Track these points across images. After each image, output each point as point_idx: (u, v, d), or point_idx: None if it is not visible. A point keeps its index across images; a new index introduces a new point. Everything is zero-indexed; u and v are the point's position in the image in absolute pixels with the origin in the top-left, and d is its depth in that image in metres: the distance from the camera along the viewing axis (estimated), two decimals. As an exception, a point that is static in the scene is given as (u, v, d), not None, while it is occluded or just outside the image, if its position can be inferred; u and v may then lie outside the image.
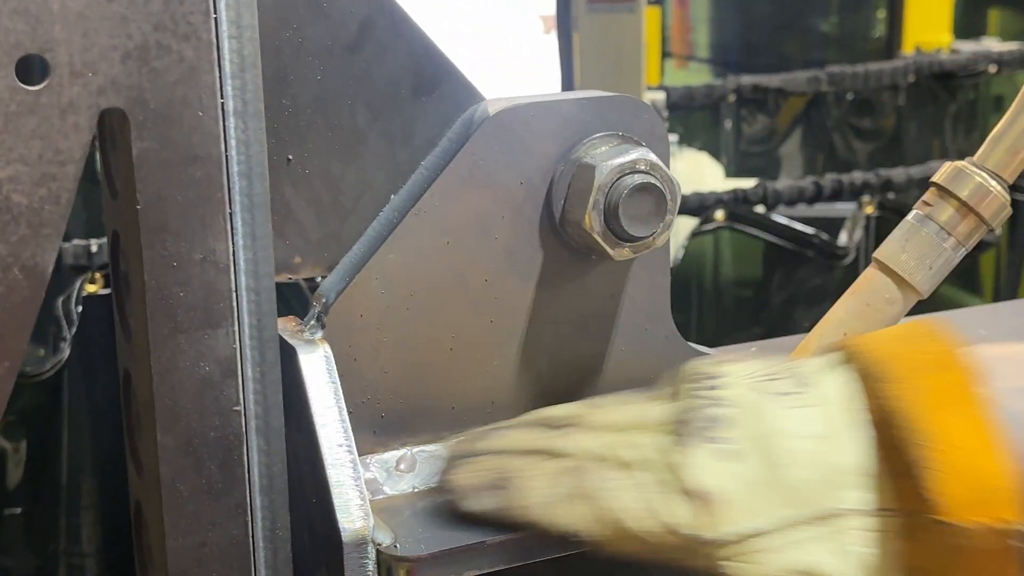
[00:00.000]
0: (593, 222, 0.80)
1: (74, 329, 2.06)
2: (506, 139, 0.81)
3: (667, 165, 0.83)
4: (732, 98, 3.98)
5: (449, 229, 0.81)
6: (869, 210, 2.58)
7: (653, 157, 0.81)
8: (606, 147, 0.82)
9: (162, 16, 0.62)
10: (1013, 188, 2.40)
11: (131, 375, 0.70)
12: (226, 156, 0.65)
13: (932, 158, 3.83)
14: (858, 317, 0.90)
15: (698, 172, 3.23)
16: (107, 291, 2.04)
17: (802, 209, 2.77)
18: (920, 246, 0.89)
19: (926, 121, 4.22)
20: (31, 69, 0.60)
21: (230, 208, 0.66)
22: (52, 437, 2.09)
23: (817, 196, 2.60)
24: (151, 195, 0.64)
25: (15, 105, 0.60)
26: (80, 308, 2.09)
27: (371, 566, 0.73)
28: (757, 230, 2.61)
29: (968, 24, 6.36)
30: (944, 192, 0.89)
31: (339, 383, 0.76)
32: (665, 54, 7.99)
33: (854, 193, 2.62)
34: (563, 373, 0.86)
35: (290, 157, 0.79)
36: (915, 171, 2.67)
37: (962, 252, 0.89)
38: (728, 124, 4.04)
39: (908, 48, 5.58)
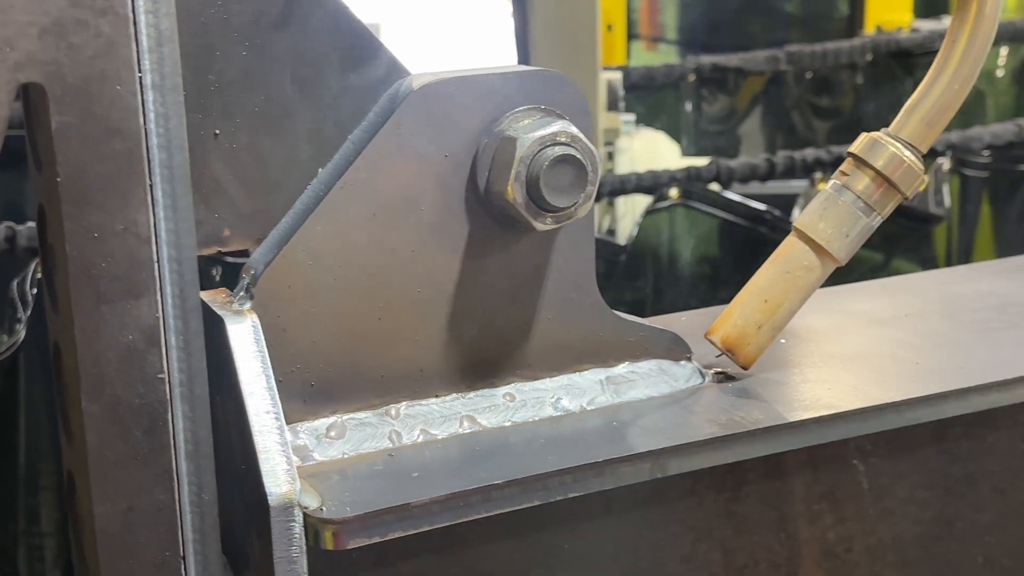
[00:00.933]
0: (515, 193, 0.82)
1: (29, 311, 2.07)
2: (430, 113, 0.83)
3: (590, 138, 0.85)
4: (692, 78, 4.00)
5: (375, 202, 0.82)
6: (821, 186, 2.59)
7: (574, 130, 0.83)
8: (529, 120, 0.84)
9: (79, -9, 0.64)
10: (963, 164, 2.46)
11: (59, 345, 0.71)
12: (145, 129, 0.66)
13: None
14: (777, 284, 0.92)
15: (654, 151, 3.25)
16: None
17: (758, 187, 2.80)
18: (837, 214, 0.91)
19: (884, 99, 4.26)
20: (-51, 45, 0.61)
21: (150, 180, 0.67)
22: (9, 419, 2.10)
23: (770, 173, 2.63)
24: (72, 168, 0.65)
25: (-66, 80, 0.61)
26: (35, 290, 2.09)
27: (297, 529, 0.75)
28: (711, 207, 2.64)
29: (932, 3, 6.41)
30: (860, 162, 0.91)
31: (267, 352, 0.78)
32: (632, 36, 8.01)
33: (806, 170, 2.66)
34: (491, 341, 0.88)
35: (217, 132, 0.81)
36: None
37: (878, 220, 0.92)
38: (688, 104, 4.07)
39: (870, 28, 5.63)
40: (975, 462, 1.05)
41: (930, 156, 2.70)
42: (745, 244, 2.62)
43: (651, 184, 2.56)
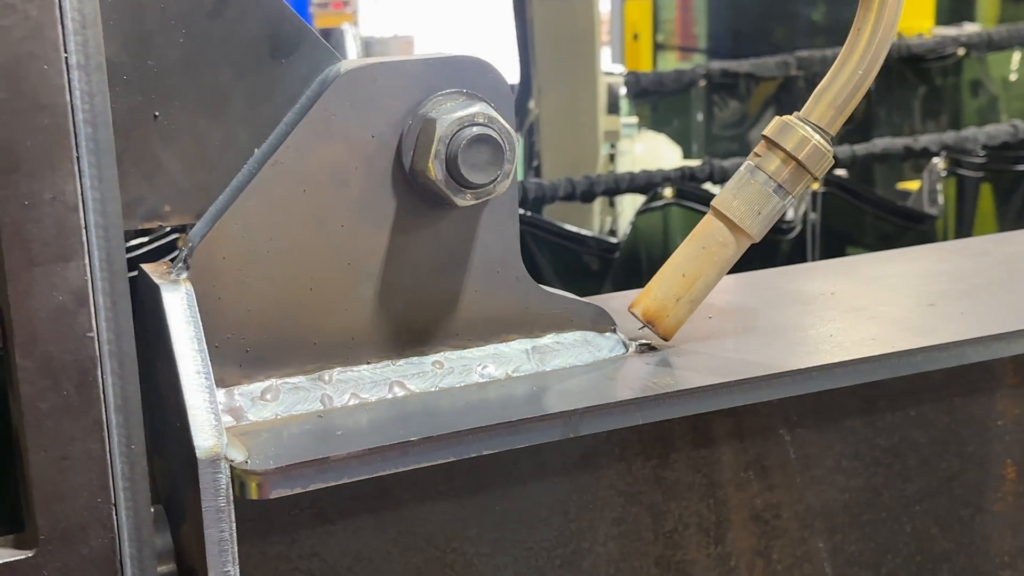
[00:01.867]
0: (436, 171, 0.87)
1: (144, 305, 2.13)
2: (357, 95, 0.88)
3: (510, 121, 0.91)
4: (702, 83, 4.05)
5: (305, 179, 0.88)
6: (815, 186, 2.65)
7: (492, 111, 0.89)
8: (450, 103, 0.89)
9: (7, -21, 0.70)
10: (957, 164, 2.51)
11: (0, 306, 0.77)
12: (71, 105, 0.72)
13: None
14: (694, 260, 0.97)
15: (656, 153, 3.30)
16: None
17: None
18: (750, 194, 0.96)
19: (896, 103, 4.28)
20: None
21: (77, 153, 0.73)
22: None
23: (763, 173, 2.66)
24: (3, 140, 0.71)
25: None
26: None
27: (224, 480, 0.81)
28: (705, 206, 2.67)
29: (955, 10, 6.43)
30: (772, 144, 0.96)
31: (199, 318, 0.84)
32: (663, 46, 8.07)
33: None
34: (420, 311, 0.93)
35: (156, 114, 0.87)
36: (859, 148, 2.74)
37: (790, 200, 0.97)
38: (699, 108, 4.11)
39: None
40: (900, 434, 1.09)
41: (924, 156, 2.74)
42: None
43: (645, 183, 2.61)
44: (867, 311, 1.07)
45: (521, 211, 2.65)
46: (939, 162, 2.69)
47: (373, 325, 0.92)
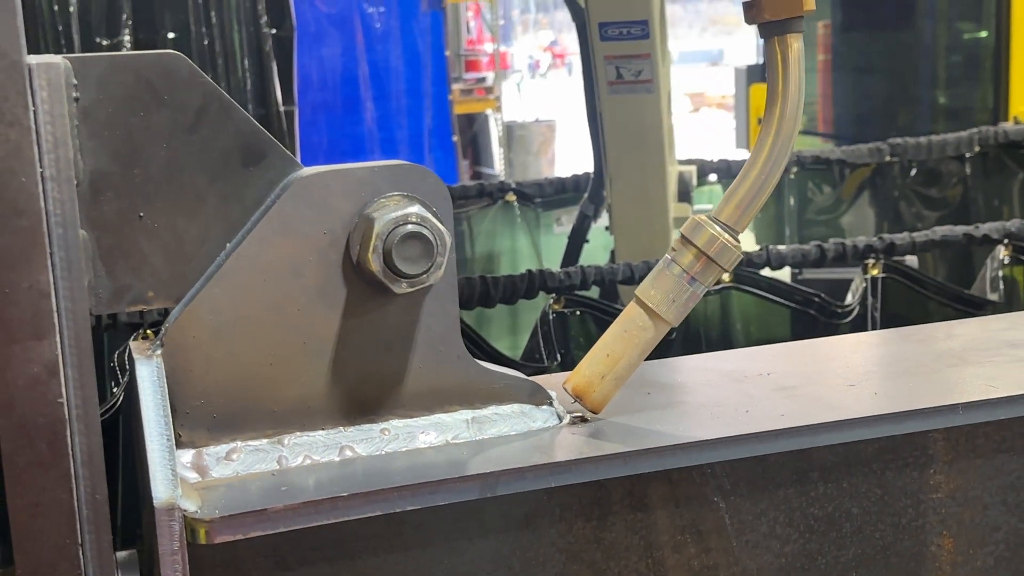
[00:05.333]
0: (375, 263, 1.01)
1: (127, 377, 2.34)
2: (311, 198, 1.03)
3: (447, 221, 1.04)
4: (794, 169, 4.12)
5: (265, 269, 1.03)
6: (875, 272, 2.71)
7: (426, 212, 1.02)
8: (391, 203, 1.03)
9: (-7, 109, 0.86)
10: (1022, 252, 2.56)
11: (-9, 376, 0.93)
12: (45, 211, 0.88)
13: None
14: (618, 341, 1.09)
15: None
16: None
17: (826, 272, 2.92)
18: (666, 284, 1.08)
19: (994, 190, 4.29)
20: None
21: (51, 249, 0.89)
22: (110, 473, 2.36)
23: (820, 260, 2.75)
24: (-13, 240, 0.87)
25: None
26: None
27: (177, 526, 0.94)
28: (761, 291, 2.76)
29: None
30: (686, 241, 1.08)
31: (166, 388, 0.99)
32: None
33: (858, 256, 2.76)
34: (369, 384, 1.07)
35: (141, 214, 1.02)
36: (918, 236, 2.79)
37: (703, 289, 1.08)
38: (791, 194, 4.19)
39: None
40: (833, 504, 1.18)
41: (987, 243, 2.78)
42: (794, 327, 2.73)
43: (702, 268, 2.68)
44: (792, 390, 1.17)
45: (585, 293, 2.78)
46: (1001, 250, 2.73)
47: (327, 396, 1.06)
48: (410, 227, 1.01)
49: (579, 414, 1.12)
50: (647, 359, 1.16)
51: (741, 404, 1.14)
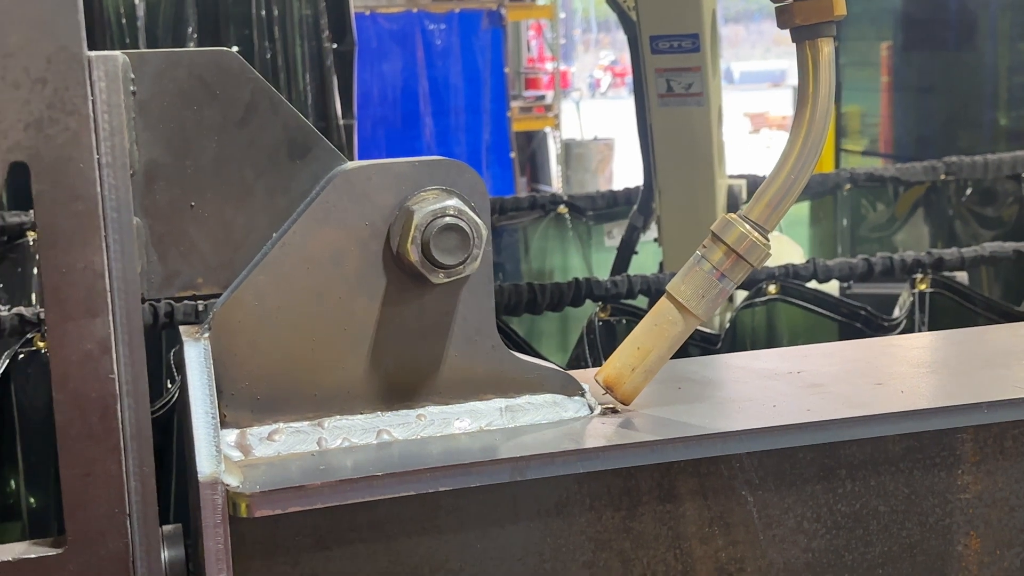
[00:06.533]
0: (413, 253, 1.05)
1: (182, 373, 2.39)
2: (353, 191, 1.07)
3: (483, 214, 1.08)
4: (847, 187, 4.13)
5: (308, 258, 1.07)
6: (923, 287, 2.72)
7: (463, 206, 1.06)
8: (430, 197, 1.07)
9: (53, 99, 0.91)
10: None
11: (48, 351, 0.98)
12: (101, 196, 0.93)
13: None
14: (648, 334, 1.12)
15: (777, 252, 3.40)
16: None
17: (876, 286, 2.93)
18: (696, 280, 1.11)
19: (1051, 207, 4.27)
20: (-37, 135, 0.90)
21: (104, 232, 0.94)
22: (165, 467, 2.42)
23: (868, 274, 2.76)
24: (47, 222, 0.92)
25: (-50, 159, 0.90)
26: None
27: (220, 500, 0.99)
28: (807, 303, 2.77)
29: None
30: (716, 238, 1.11)
31: (212, 369, 1.03)
32: (841, 148, 8.09)
33: (906, 271, 2.77)
34: (407, 371, 1.11)
35: (192, 204, 1.07)
36: (967, 251, 2.80)
37: (732, 285, 1.11)
38: (844, 212, 4.19)
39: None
40: (861, 501, 1.20)
41: (1037, 260, 2.77)
42: (841, 338, 2.74)
43: (749, 280, 2.72)
44: (820, 388, 1.19)
45: (632, 302, 2.81)
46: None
47: (366, 381, 1.10)
48: (448, 219, 1.05)
49: (610, 405, 1.16)
50: (680, 356, 1.19)
51: (769, 399, 1.17)
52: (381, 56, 9.26)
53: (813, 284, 2.82)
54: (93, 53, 0.94)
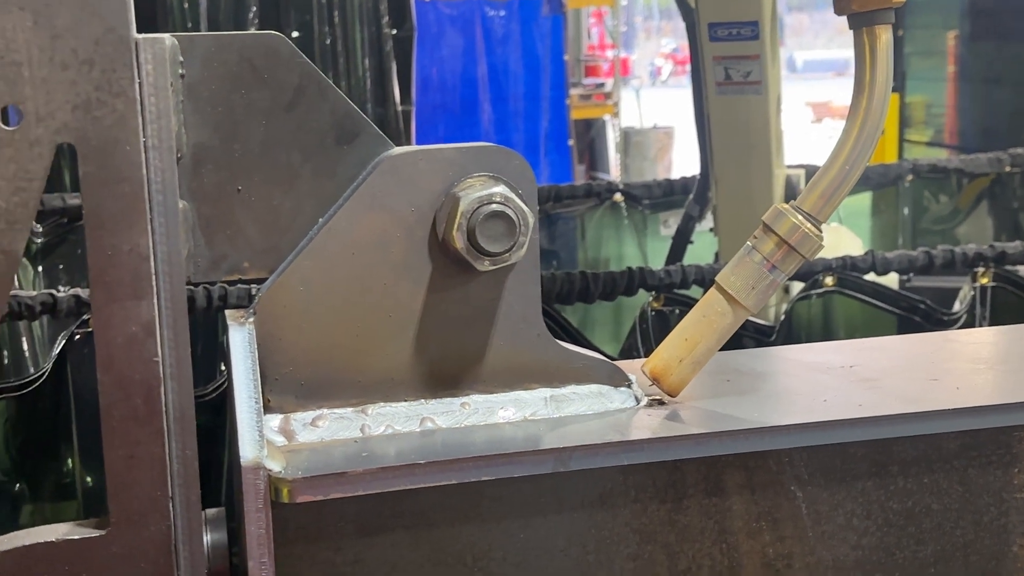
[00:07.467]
0: (458, 240, 1.04)
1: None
2: (400, 176, 1.06)
3: (530, 201, 1.07)
4: (910, 178, 4.07)
5: (354, 244, 1.06)
6: (984, 280, 2.67)
7: (510, 193, 1.05)
8: (476, 184, 1.06)
9: (101, 80, 0.91)
10: None
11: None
12: (147, 178, 0.93)
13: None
14: (696, 326, 1.10)
15: (836, 243, 3.36)
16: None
17: (936, 279, 2.88)
18: (746, 271, 1.09)
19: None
20: (9, 115, 0.90)
21: (150, 214, 0.93)
22: (216, 448, 2.44)
23: (928, 266, 2.71)
24: (93, 204, 0.92)
25: (-2, 140, 0.90)
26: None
27: (262, 485, 0.99)
28: (865, 296, 2.73)
29: None
30: (767, 229, 1.09)
31: (256, 354, 1.03)
32: (905, 139, 7.99)
33: (967, 264, 2.72)
34: (451, 359, 1.10)
35: (240, 188, 1.07)
36: (1028, 245, 2.74)
37: (783, 277, 1.09)
38: (906, 203, 4.13)
39: None
40: (913, 499, 1.18)
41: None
42: (899, 332, 2.70)
43: (805, 271, 2.69)
44: (873, 382, 1.17)
45: (686, 292, 2.78)
46: None
47: (410, 369, 1.09)
48: (494, 206, 1.04)
49: (656, 397, 1.14)
50: (734, 347, 1.18)
51: (820, 394, 1.15)
52: (440, 42, 9.26)
53: (871, 276, 2.78)
54: (141, 36, 0.93)
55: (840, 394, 1.14)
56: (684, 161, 12.42)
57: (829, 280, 2.71)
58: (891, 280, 3.05)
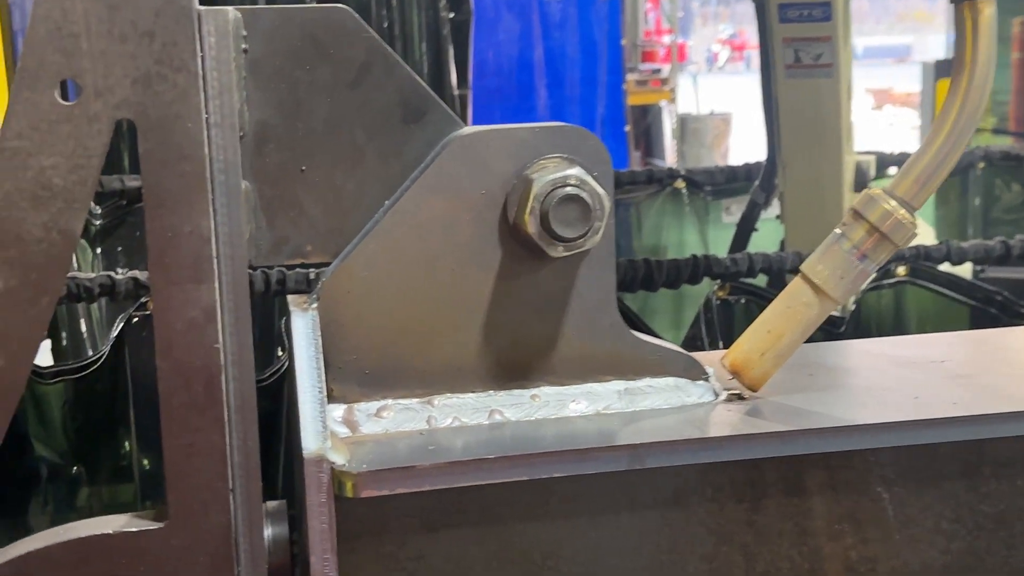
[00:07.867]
0: (531, 224, 0.99)
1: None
2: (470, 157, 1.02)
3: (607, 184, 1.02)
4: (981, 165, 3.97)
5: (421, 227, 1.02)
6: (1038, 274, 2.58)
7: (585, 175, 1.00)
8: (550, 165, 1.01)
9: (161, 54, 0.87)
10: None
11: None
12: (209, 157, 0.89)
13: None
14: (780, 317, 1.05)
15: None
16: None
17: (1013, 270, 2.80)
18: (834, 260, 1.03)
19: None
20: (68, 90, 0.86)
21: (212, 195, 0.89)
22: (274, 433, 2.41)
23: (1005, 256, 2.62)
24: (152, 182, 0.88)
25: (55, 115, 0.86)
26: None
27: (325, 478, 0.94)
28: (939, 286, 2.65)
29: None
30: (857, 215, 1.03)
31: (320, 341, 0.99)
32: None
33: (1047, 255, 2.63)
34: (521, 349, 1.05)
35: (303, 168, 1.03)
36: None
37: (873, 266, 1.03)
38: (977, 191, 4.03)
39: None
40: (1006, 502, 1.12)
41: None
42: (973, 324, 2.62)
43: (876, 261, 2.59)
44: (967, 379, 1.11)
45: (752, 281, 2.72)
46: None
47: (477, 358, 1.05)
48: (569, 189, 0.99)
49: (736, 391, 1.09)
50: (811, 340, 1.12)
51: (910, 390, 1.09)
52: (497, 26, 9.20)
53: (945, 267, 2.70)
54: (203, 7, 0.89)
55: (932, 391, 1.08)
56: (741, 148, 12.28)
57: (901, 270, 2.64)
58: (964, 271, 2.97)
